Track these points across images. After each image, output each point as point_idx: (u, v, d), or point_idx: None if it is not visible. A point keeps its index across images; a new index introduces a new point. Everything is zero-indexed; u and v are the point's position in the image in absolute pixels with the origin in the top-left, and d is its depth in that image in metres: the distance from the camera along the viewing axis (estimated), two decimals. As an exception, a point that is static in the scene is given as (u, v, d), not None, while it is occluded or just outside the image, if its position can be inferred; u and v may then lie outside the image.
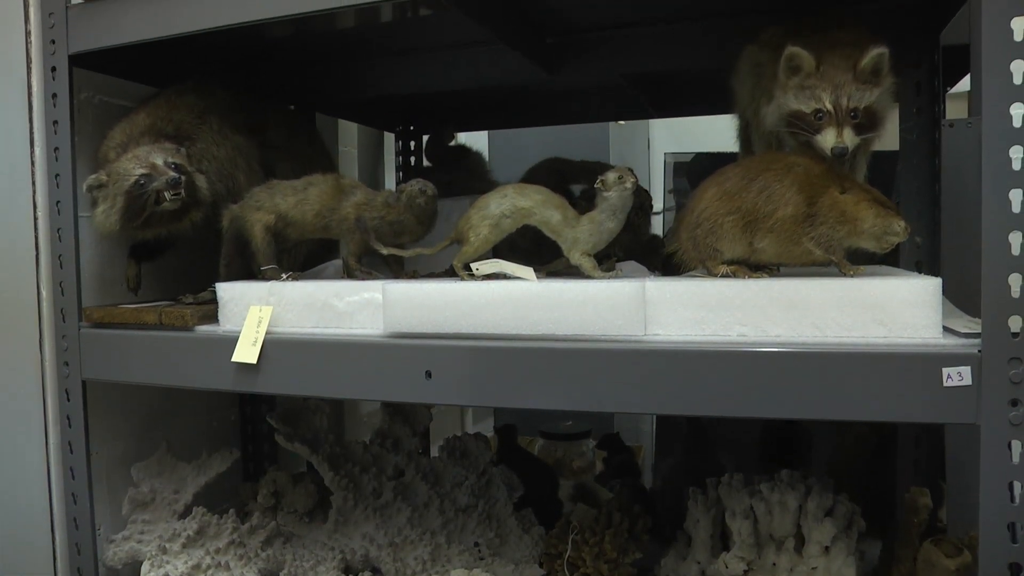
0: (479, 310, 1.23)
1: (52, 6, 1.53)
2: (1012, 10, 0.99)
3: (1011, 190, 1.01)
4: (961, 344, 1.06)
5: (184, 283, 1.72)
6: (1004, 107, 1.01)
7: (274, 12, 1.36)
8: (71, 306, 1.55)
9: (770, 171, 1.17)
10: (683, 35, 1.71)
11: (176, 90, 1.66)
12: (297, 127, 1.94)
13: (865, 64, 1.20)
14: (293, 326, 1.39)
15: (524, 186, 1.33)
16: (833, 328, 1.12)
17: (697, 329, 1.16)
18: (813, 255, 1.17)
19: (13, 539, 1.68)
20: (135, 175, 1.45)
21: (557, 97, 2.27)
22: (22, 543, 1.67)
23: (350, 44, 1.86)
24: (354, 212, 1.43)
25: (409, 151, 2.57)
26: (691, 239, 1.22)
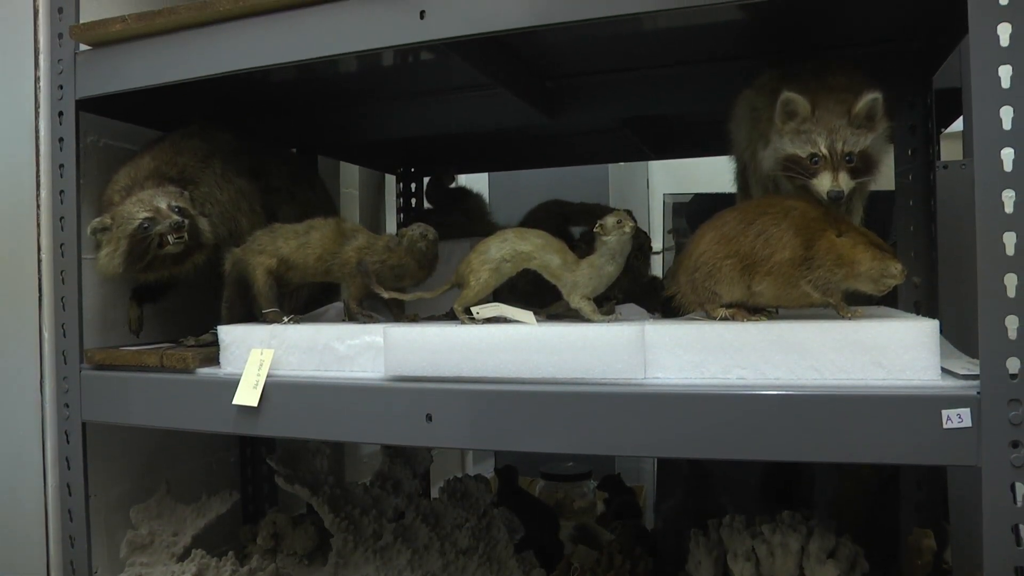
0: (480, 354, 1.23)
1: (61, 53, 1.56)
2: (1000, 57, 1.01)
3: (1004, 233, 1.02)
4: (960, 386, 1.06)
5: (186, 325, 1.73)
6: (995, 151, 1.02)
7: (277, 58, 1.39)
8: (73, 348, 1.56)
9: (767, 215, 1.18)
10: (680, 79, 1.74)
11: (180, 134, 1.68)
12: (299, 171, 1.96)
13: (859, 109, 1.22)
14: (294, 369, 1.40)
15: (524, 230, 1.34)
16: (832, 370, 1.12)
17: (697, 372, 1.17)
18: (811, 298, 1.18)
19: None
20: (139, 219, 1.46)
21: (557, 140, 2.30)
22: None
23: (352, 88, 1.89)
24: (355, 256, 1.45)
25: (410, 193, 2.59)
26: (690, 282, 1.23)
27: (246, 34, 1.41)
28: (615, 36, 1.54)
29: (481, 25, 1.24)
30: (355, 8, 1.32)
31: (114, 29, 1.50)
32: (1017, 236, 1.02)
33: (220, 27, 1.43)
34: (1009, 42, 1.01)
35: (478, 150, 2.44)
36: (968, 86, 1.04)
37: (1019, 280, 1.02)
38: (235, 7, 1.40)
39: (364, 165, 2.63)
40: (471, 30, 1.25)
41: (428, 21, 1.27)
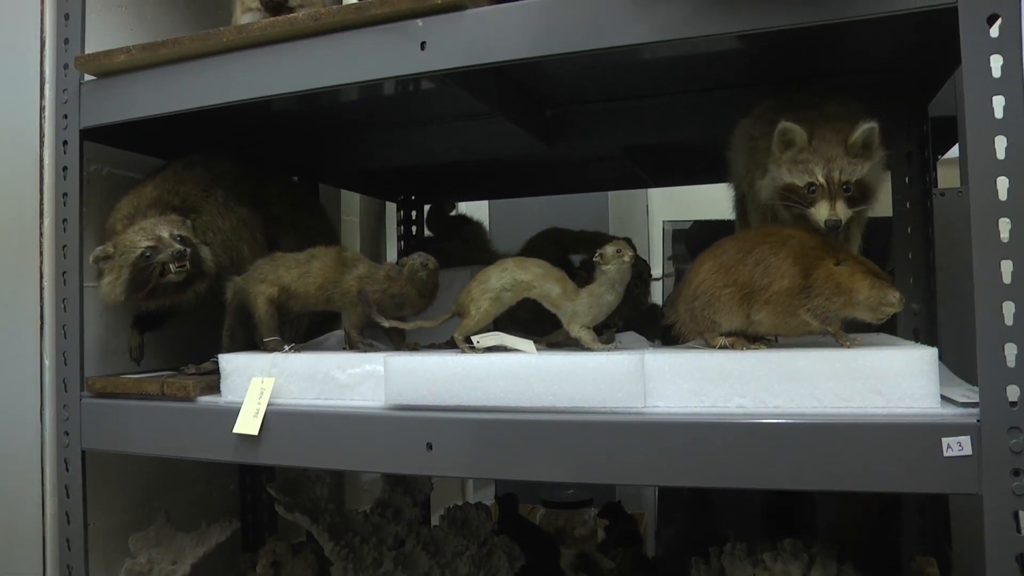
0: (480, 382, 1.24)
1: (66, 83, 1.58)
2: (993, 88, 1.03)
3: (1001, 261, 1.03)
4: (960, 414, 1.07)
5: (187, 353, 1.73)
6: (990, 180, 1.03)
7: (280, 89, 1.40)
8: (73, 376, 1.56)
9: (765, 244, 1.19)
10: (679, 107, 1.76)
11: (183, 163, 1.69)
12: (300, 199, 1.97)
13: (856, 138, 1.23)
14: (295, 397, 1.40)
15: (524, 260, 1.35)
16: (831, 399, 1.12)
17: (696, 401, 1.17)
18: (810, 326, 1.18)
19: (8, 613, 1.65)
20: (141, 247, 1.47)
21: (557, 167, 2.31)
22: (17, 617, 1.64)
23: (353, 117, 1.91)
24: (356, 285, 1.45)
25: (411, 220, 2.60)
26: (689, 311, 1.24)
27: (249, 64, 1.42)
28: (614, 65, 1.55)
29: (481, 56, 1.26)
30: (357, 39, 1.34)
31: (119, 60, 1.51)
32: (1014, 264, 1.03)
33: (223, 57, 1.45)
34: (1001, 73, 1.02)
35: (478, 178, 2.45)
36: (963, 114, 1.05)
37: (1016, 308, 1.02)
38: (238, 38, 1.42)
39: (365, 193, 2.64)
40: (471, 61, 1.26)
41: (429, 52, 1.28)
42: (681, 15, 1.16)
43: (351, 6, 1.35)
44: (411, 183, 2.55)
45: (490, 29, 1.26)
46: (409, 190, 2.60)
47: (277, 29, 1.39)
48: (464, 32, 1.27)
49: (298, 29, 1.38)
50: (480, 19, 1.27)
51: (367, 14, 1.32)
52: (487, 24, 1.26)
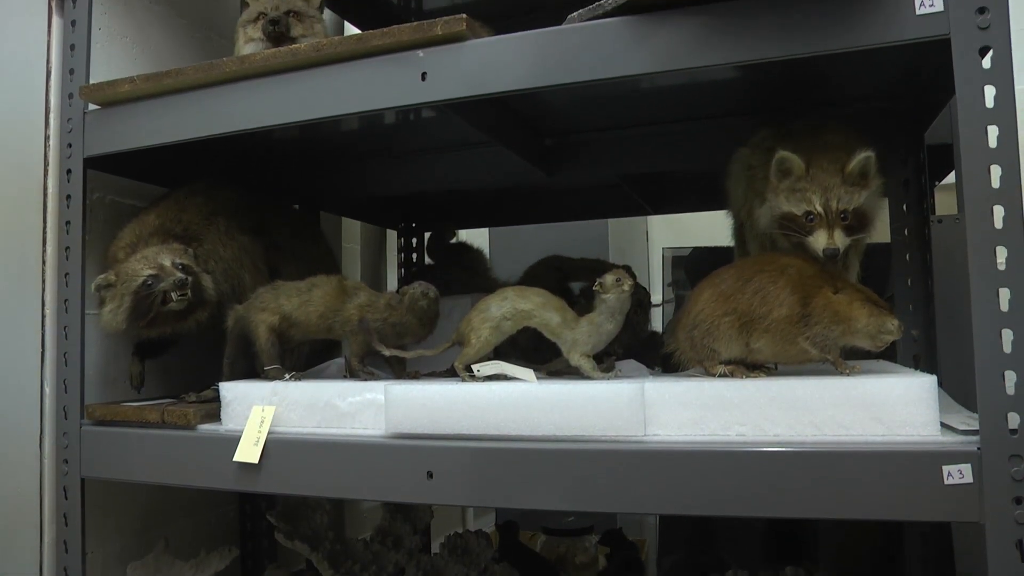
0: (480, 411, 1.24)
1: (71, 112, 1.59)
2: (986, 118, 1.04)
3: (999, 289, 1.03)
4: (960, 441, 1.07)
5: (187, 381, 1.73)
6: (986, 209, 1.04)
7: (282, 119, 1.41)
8: (73, 403, 1.56)
9: (764, 272, 1.20)
10: (677, 136, 1.77)
11: (185, 191, 1.70)
12: (302, 227, 1.98)
13: (853, 167, 1.24)
14: (296, 426, 1.40)
15: (524, 289, 1.36)
16: (831, 426, 1.13)
17: (696, 429, 1.17)
18: (809, 354, 1.18)
19: (4, 643, 1.64)
20: (143, 276, 1.48)
21: (556, 195, 2.32)
22: (14, 647, 1.63)
23: (354, 145, 1.92)
24: (357, 314, 1.46)
25: (411, 248, 2.61)
26: (688, 340, 1.25)
27: (251, 95, 1.44)
28: (613, 94, 1.56)
29: (481, 87, 1.27)
30: (358, 70, 1.36)
31: (123, 90, 1.53)
32: (1011, 292, 1.03)
33: (226, 88, 1.46)
34: (994, 104, 1.04)
35: (479, 205, 2.47)
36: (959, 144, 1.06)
37: (1015, 335, 1.03)
38: (240, 68, 1.44)
39: (366, 220, 2.65)
40: (471, 92, 1.28)
41: (429, 83, 1.30)
42: (679, 46, 1.17)
43: (352, 37, 1.37)
44: (412, 211, 2.56)
45: (490, 60, 1.27)
46: (410, 218, 2.61)
47: (279, 60, 1.41)
48: (464, 63, 1.28)
49: (300, 60, 1.39)
50: (480, 50, 1.28)
51: (368, 45, 1.34)
52: (487, 55, 1.28)
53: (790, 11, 1.13)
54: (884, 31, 1.09)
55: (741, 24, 1.15)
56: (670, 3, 1.18)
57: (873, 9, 1.09)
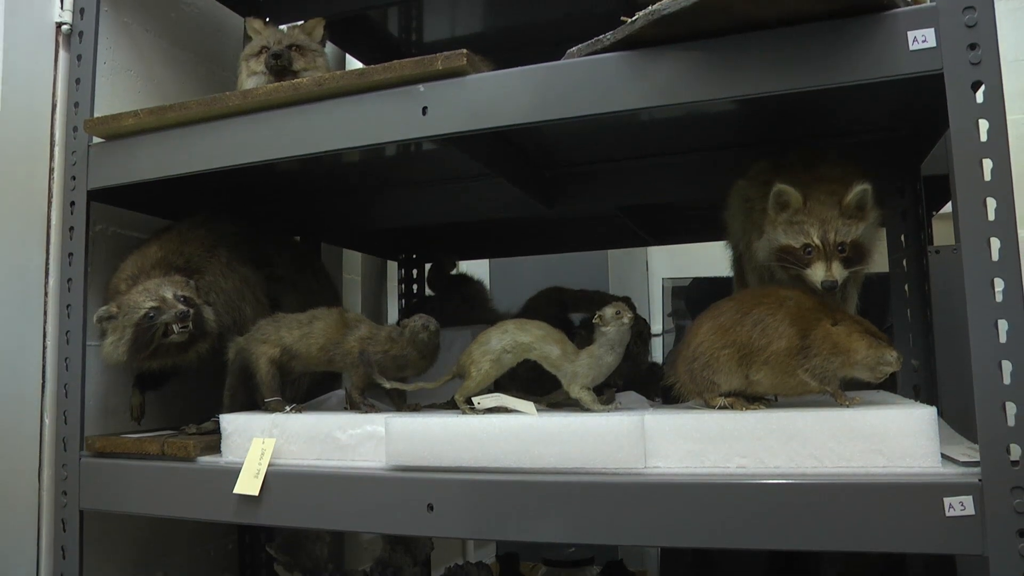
0: (481, 444, 1.24)
1: (76, 145, 1.61)
2: (981, 152, 1.05)
3: (997, 320, 1.04)
4: (961, 473, 1.07)
5: (188, 412, 1.73)
6: (983, 242, 1.05)
7: (284, 152, 1.43)
8: (73, 435, 1.56)
9: (763, 305, 1.21)
10: (676, 168, 1.78)
11: (187, 224, 1.71)
12: (303, 260, 1.98)
13: (850, 200, 1.25)
14: (296, 458, 1.40)
15: (524, 321, 1.36)
16: (832, 458, 1.13)
17: (697, 461, 1.17)
18: (809, 386, 1.19)
19: None
20: (145, 308, 1.48)
21: (556, 227, 2.34)
22: None
23: (355, 177, 1.93)
24: (358, 346, 1.46)
25: (411, 279, 2.62)
26: (688, 372, 1.25)
27: (254, 128, 1.45)
28: (612, 127, 1.58)
29: (482, 121, 1.29)
30: (360, 104, 1.37)
31: (127, 123, 1.54)
32: (1009, 323, 1.04)
33: (229, 122, 1.48)
34: (987, 137, 1.05)
35: (479, 237, 2.48)
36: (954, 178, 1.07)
37: (1014, 366, 1.03)
38: (243, 103, 1.45)
39: (366, 252, 2.66)
40: (471, 126, 1.29)
41: (430, 117, 1.31)
42: (676, 81, 1.19)
43: (354, 71, 1.39)
44: (412, 242, 2.58)
45: (490, 94, 1.29)
46: (410, 249, 2.62)
47: (281, 94, 1.42)
48: (465, 97, 1.30)
49: (302, 94, 1.41)
50: (480, 84, 1.30)
51: (370, 79, 1.36)
52: (487, 89, 1.29)
53: (785, 46, 1.14)
54: (878, 66, 1.10)
55: (737, 59, 1.17)
56: (667, 38, 1.19)
57: (867, 45, 1.11)
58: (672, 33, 1.18)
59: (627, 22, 1.20)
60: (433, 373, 1.46)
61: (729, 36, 1.17)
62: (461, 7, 2.23)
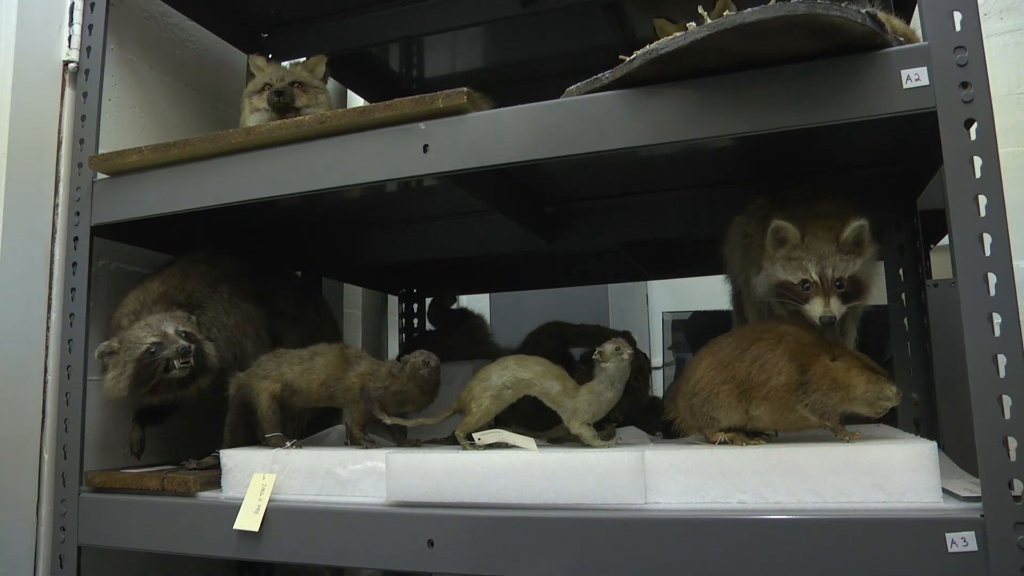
0: (481, 479, 1.24)
1: (80, 181, 1.63)
2: (975, 188, 1.07)
3: (996, 354, 1.04)
4: (963, 508, 1.06)
5: (188, 447, 1.72)
6: (979, 277, 1.06)
7: (286, 189, 1.44)
8: (73, 470, 1.55)
9: (762, 341, 1.21)
10: (675, 203, 1.80)
11: (189, 259, 1.72)
12: (304, 295, 1.99)
13: (847, 236, 1.26)
14: (296, 493, 1.39)
15: (525, 358, 1.37)
16: (832, 494, 1.12)
17: (697, 497, 1.17)
18: (808, 421, 1.19)
19: None
20: (146, 343, 1.48)
21: (556, 261, 2.35)
22: None
23: (356, 213, 1.95)
24: (359, 382, 1.47)
25: (412, 313, 2.62)
26: (688, 407, 1.25)
27: (257, 166, 1.47)
28: (611, 163, 1.59)
29: (482, 159, 1.30)
30: (361, 142, 1.39)
31: (131, 159, 1.56)
32: (1007, 358, 1.04)
33: (232, 159, 1.49)
34: (981, 174, 1.06)
35: (479, 272, 2.49)
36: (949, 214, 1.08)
37: (1014, 401, 1.03)
38: (246, 140, 1.47)
39: (367, 287, 2.67)
40: (472, 164, 1.31)
41: (431, 155, 1.33)
42: (674, 118, 1.21)
43: (356, 109, 1.40)
44: (413, 277, 2.58)
45: (490, 132, 1.30)
46: (411, 283, 2.63)
47: (284, 131, 1.44)
48: (465, 135, 1.31)
49: (305, 132, 1.42)
50: (481, 122, 1.31)
51: (371, 117, 1.37)
52: (488, 127, 1.31)
53: (781, 85, 1.16)
54: (873, 104, 1.12)
55: (734, 97, 1.18)
56: (665, 76, 1.21)
57: (862, 83, 1.13)
58: (670, 71, 1.20)
59: (625, 61, 1.21)
60: (434, 408, 1.46)
61: (726, 74, 1.19)
62: (461, 44, 2.26)
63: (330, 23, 2.11)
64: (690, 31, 1.13)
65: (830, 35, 1.11)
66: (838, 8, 1.07)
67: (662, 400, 1.72)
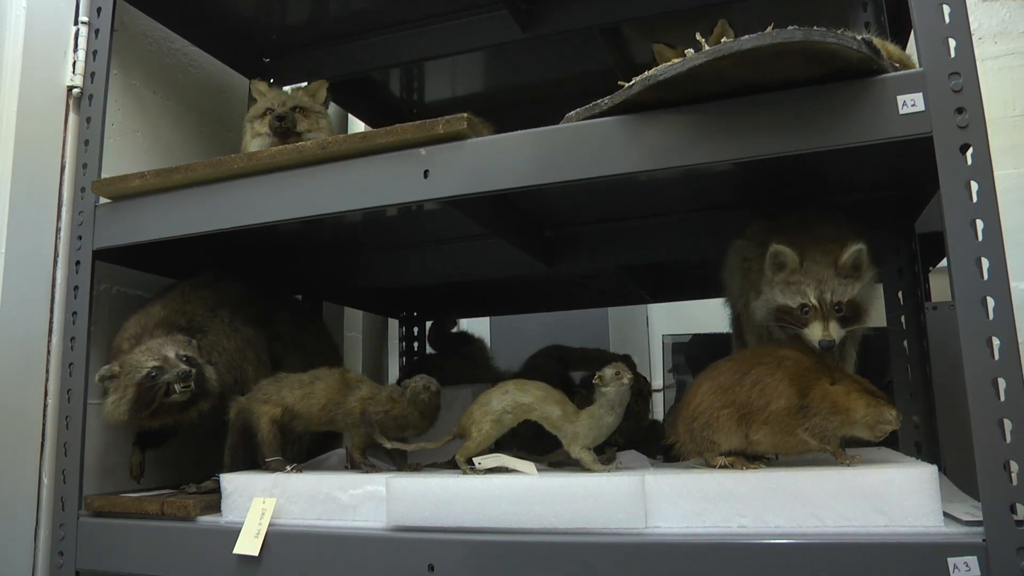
0: (482, 504, 1.23)
1: (83, 205, 1.64)
2: (972, 212, 1.07)
3: (996, 378, 1.04)
4: (964, 532, 1.06)
5: (188, 471, 1.72)
6: (977, 301, 1.06)
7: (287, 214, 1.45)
8: (72, 494, 1.55)
9: (762, 365, 1.21)
10: (674, 227, 1.80)
11: (191, 284, 1.73)
12: (305, 319, 1.99)
13: (845, 260, 1.27)
14: (296, 518, 1.39)
15: (525, 382, 1.37)
16: (833, 518, 1.12)
17: (698, 521, 1.17)
18: (809, 445, 1.19)
19: None
20: (147, 367, 1.48)
21: (557, 285, 2.35)
22: None
23: (357, 237, 1.95)
24: (359, 407, 1.47)
25: (412, 336, 2.63)
26: (688, 432, 1.25)
27: (258, 191, 1.48)
28: (611, 188, 1.60)
29: (482, 184, 1.31)
30: (362, 167, 1.39)
31: (133, 184, 1.57)
32: (1007, 382, 1.04)
33: (233, 183, 1.50)
34: (978, 198, 1.07)
35: (479, 295, 2.49)
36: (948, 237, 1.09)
37: (1014, 424, 1.03)
38: (248, 165, 1.48)
39: (368, 310, 2.67)
40: (472, 189, 1.31)
41: (431, 180, 1.33)
42: (672, 144, 1.22)
43: (357, 135, 1.41)
44: (413, 300, 2.59)
45: (490, 158, 1.31)
46: (411, 307, 2.63)
47: (285, 157, 1.45)
48: (465, 161, 1.32)
49: (306, 157, 1.43)
50: (481, 148, 1.32)
51: (372, 143, 1.38)
52: (488, 153, 1.32)
53: (779, 110, 1.17)
54: (869, 130, 1.13)
55: (732, 123, 1.19)
56: (663, 102, 1.22)
57: (858, 109, 1.14)
58: (668, 98, 1.21)
59: (624, 87, 1.23)
60: (434, 432, 1.46)
61: (724, 100, 1.20)
62: (462, 69, 2.29)
63: (331, 48, 2.13)
64: (688, 58, 1.14)
65: (827, 61, 1.12)
66: (834, 35, 1.08)
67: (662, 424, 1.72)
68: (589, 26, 1.90)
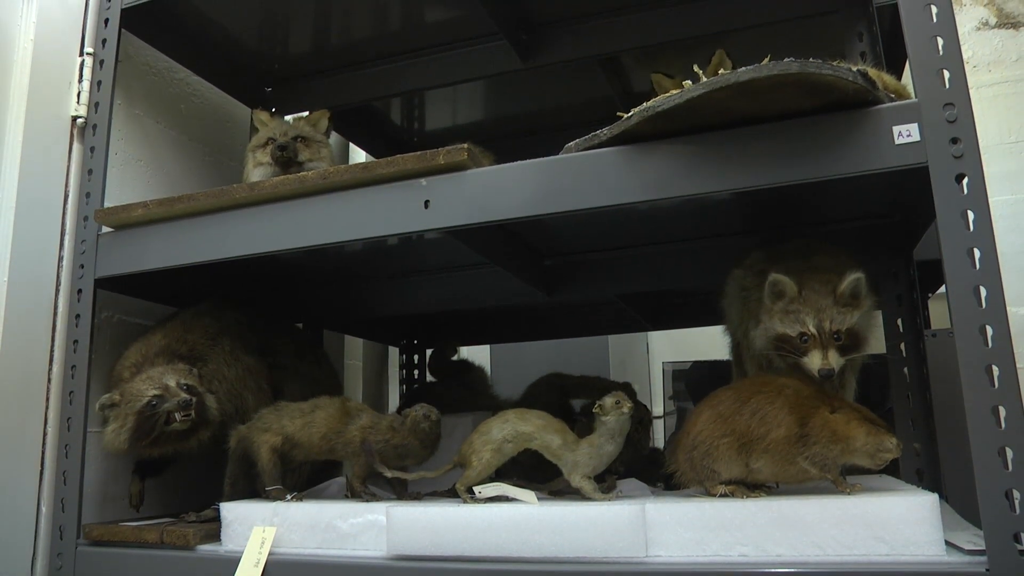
0: (482, 533, 1.23)
1: (85, 234, 1.65)
2: (970, 241, 1.08)
3: (996, 406, 1.04)
4: (967, 562, 1.06)
5: (187, 499, 1.71)
6: (975, 329, 1.06)
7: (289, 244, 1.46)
8: (70, 523, 1.54)
9: (761, 394, 1.22)
10: (673, 256, 1.81)
11: (192, 312, 1.74)
12: (305, 348, 1.99)
13: (844, 289, 1.27)
14: (296, 547, 1.38)
15: (525, 411, 1.37)
16: (834, 546, 1.12)
17: (698, 550, 1.16)
18: (809, 473, 1.19)
19: None
20: (147, 396, 1.48)
21: (557, 313, 2.35)
22: None
23: (357, 266, 1.96)
24: (360, 435, 1.46)
25: (413, 365, 2.62)
26: (688, 460, 1.25)
27: (260, 220, 1.49)
28: (611, 217, 1.61)
29: (482, 214, 1.32)
30: (363, 198, 1.41)
31: (136, 214, 1.58)
32: (1006, 409, 1.04)
33: (235, 213, 1.51)
34: (974, 227, 1.08)
35: (480, 323, 2.49)
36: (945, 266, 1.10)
37: (1015, 453, 1.03)
38: (250, 195, 1.49)
39: (368, 338, 2.68)
40: (472, 219, 1.32)
41: (432, 210, 1.34)
42: (671, 174, 1.23)
43: (358, 165, 1.42)
44: (414, 328, 2.59)
45: (490, 188, 1.32)
46: (412, 335, 2.63)
47: (287, 187, 1.46)
48: (466, 191, 1.33)
49: (308, 187, 1.44)
50: (481, 179, 1.34)
51: (373, 173, 1.40)
52: (487, 183, 1.33)
53: (776, 141, 1.18)
54: (865, 160, 1.14)
55: (730, 153, 1.20)
56: (662, 133, 1.24)
57: (854, 139, 1.15)
58: (666, 128, 1.23)
59: (624, 117, 1.24)
60: (434, 460, 1.46)
61: (722, 131, 1.21)
62: (462, 98, 2.31)
63: (333, 78, 2.15)
64: (686, 89, 1.15)
65: (823, 92, 1.14)
66: (830, 66, 1.10)
67: (663, 451, 1.72)
68: (588, 56, 1.93)
